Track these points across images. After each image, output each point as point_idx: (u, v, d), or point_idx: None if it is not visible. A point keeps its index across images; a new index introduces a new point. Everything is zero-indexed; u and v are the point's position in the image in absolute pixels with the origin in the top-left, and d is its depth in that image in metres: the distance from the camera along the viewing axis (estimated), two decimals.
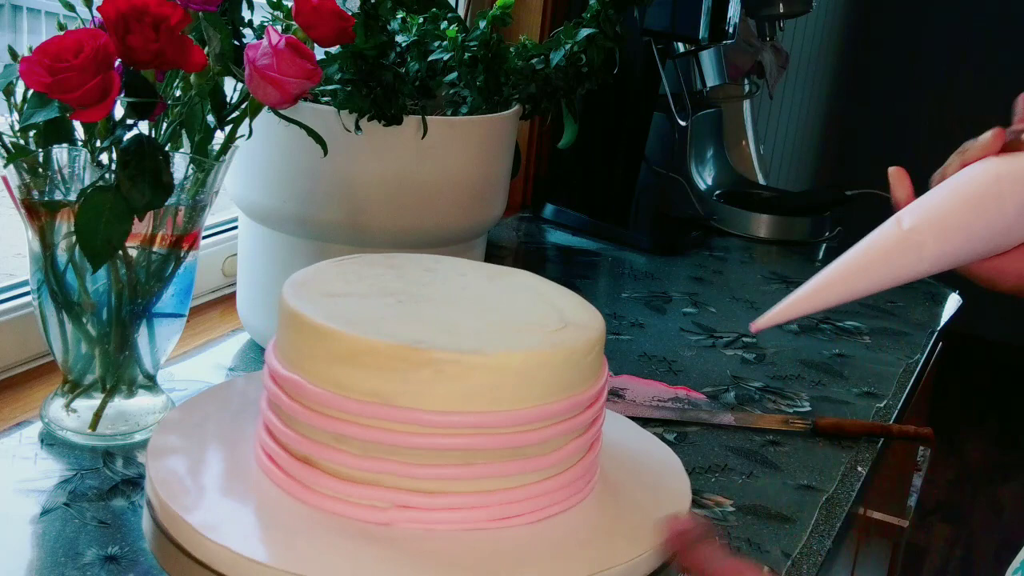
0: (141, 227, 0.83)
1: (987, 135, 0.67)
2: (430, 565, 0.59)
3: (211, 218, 1.03)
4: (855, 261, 0.66)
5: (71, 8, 0.83)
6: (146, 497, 0.64)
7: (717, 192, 1.72)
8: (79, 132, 0.82)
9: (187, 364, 1.06)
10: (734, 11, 1.52)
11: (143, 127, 0.82)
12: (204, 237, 0.94)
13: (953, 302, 1.45)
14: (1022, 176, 0.66)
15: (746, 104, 1.81)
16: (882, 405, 1.15)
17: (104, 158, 0.81)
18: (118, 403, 0.89)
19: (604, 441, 0.70)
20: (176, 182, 0.82)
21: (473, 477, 0.61)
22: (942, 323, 1.39)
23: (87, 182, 0.80)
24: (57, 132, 0.81)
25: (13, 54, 0.82)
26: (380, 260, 0.72)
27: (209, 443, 0.68)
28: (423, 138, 0.97)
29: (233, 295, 1.16)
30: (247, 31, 0.95)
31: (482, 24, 1.07)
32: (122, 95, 0.77)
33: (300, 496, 0.62)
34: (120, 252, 0.83)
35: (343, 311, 0.63)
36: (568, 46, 1.09)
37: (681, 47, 1.58)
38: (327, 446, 0.61)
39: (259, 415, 0.67)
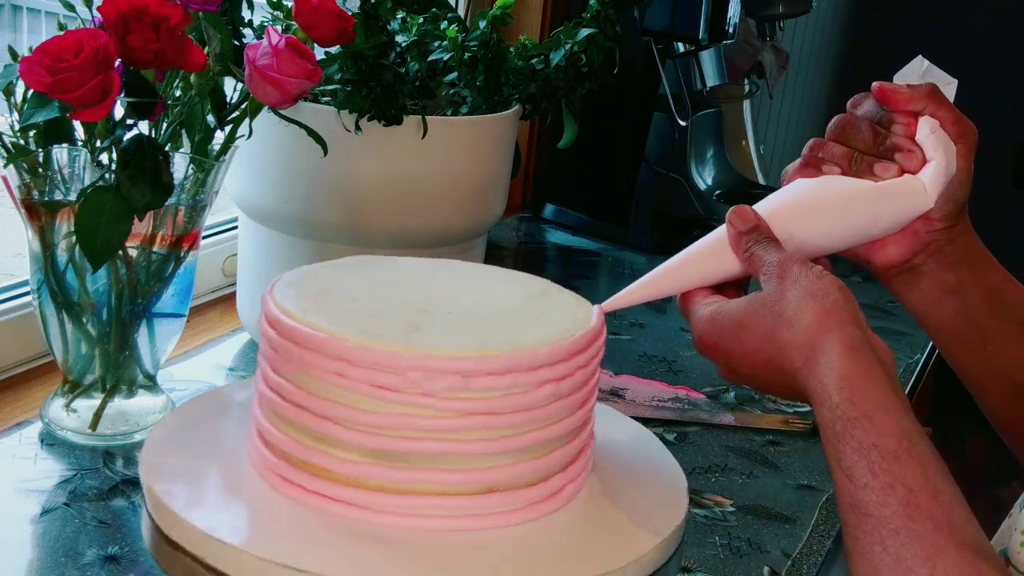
0: (141, 227, 0.83)
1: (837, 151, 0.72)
2: (423, 566, 0.59)
3: (211, 218, 1.03)
4: (709, 246, 0.71)
5: (71, 8, 0.83)
6: (142, 494, 0.64)
7: (717, 192, 1.72)
8: (79, 132, 0.82)
9: (187, 364, 1.06)
10: (734, 11, 1.52)
11: (143, 127, 0.82)
12: (204, 237, 0.94)
13: None
14: (900, 199, 0.71)
15: (746, 104, 1.80)
16: None
17: (104, 158, 0.81)
18: (118, 403, 0.89)
19: (600, 439, 0.69)
20: (176, 182, 0.82)
21: (466, 482, 0.61)
22: None
23: (87, 182, 0.80)
24: (57, 132, 0.81)
25: (13, 54, 0.82)
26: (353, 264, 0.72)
27: (206, 444, 0.68)
28: (423, 138, 0.97)
29: (233, 295, 1.16)
30: (247, 31, 0.95)
31: (482, 24, 1.06)
32: (122, 95, 0.77)
33: (293, 496, 0.62)
34: (120, 252, 0.83)
35: (336, 314, 0.63)
36: (568, 46, 1.09)
37: (681, 47, 1.58)
38: (316, 449, 0.61)
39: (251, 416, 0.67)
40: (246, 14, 0.94)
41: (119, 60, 0.76)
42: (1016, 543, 0.64)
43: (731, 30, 1.53)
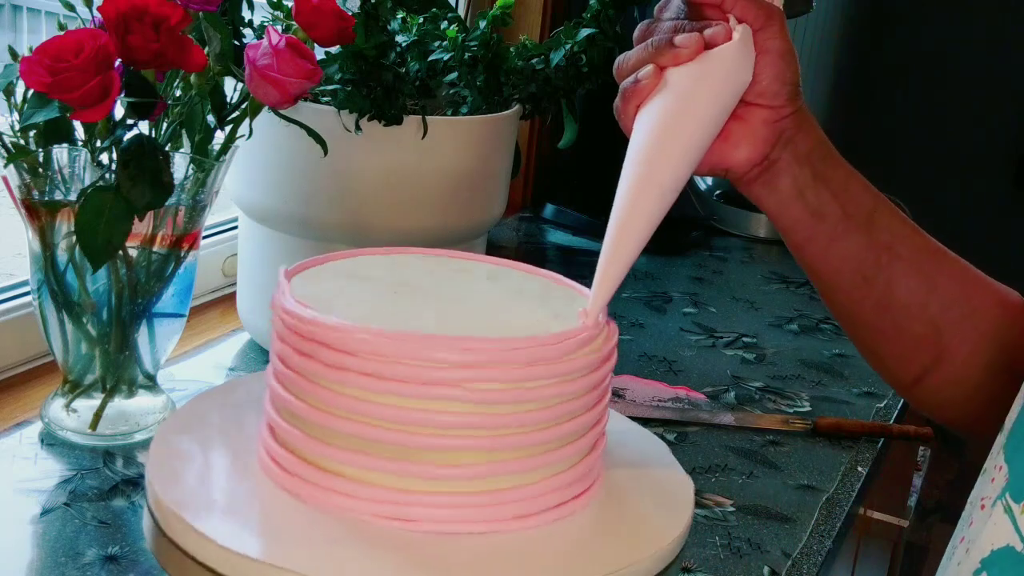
0: (141, 227, 0.83)
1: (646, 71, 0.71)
2: (428, 566, 0.59)
3: (211, 218, 1.03)
4: (621, 224, 0.70)
5: (71, 8, 0.83)
6: (146, 498, 0.64)
7: (717, 192, 1.72)
8: (79, 132, 0.82)
9: (187, 364, 1.06)
10: None
11: (143, 127, 0.82)
12: (204, 237, 0.94)
13: None
14: (722, 61, 0.70)
15: None
16: (882, 405, 1.15)
17: (104, 158, 0.81)
18: (118, 403, 0.89)
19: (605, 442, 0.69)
20: (176, 182, 0.82)
21: (477, 479, 0.61)
22: None
23: (87, 182, 0.80)
24: (57, 132, 0.81)
25: (13, 54, 0.82)
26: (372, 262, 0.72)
27: (210, 443, 0.68)
28: (423, 138, 0.97)
29: (233, 295, 1.16)
30: (247, 31, 0.95)
31: (482, 24, 1.06)
32: (122, 95, 0.77)
33: (302, 495, 0.62)
34: (120, 252, 0.83)
35: (350, 309, 0.63)
36: (568, 46, 1.09)
37: None
38: (329, 444, 0.61)
39: (261, 415, 0.67)
40: (246, 14, 0.94)
41: (119, 60, 0.76)
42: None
43: None
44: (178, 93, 0.84)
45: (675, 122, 0.69)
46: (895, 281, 0.75)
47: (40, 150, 0.81)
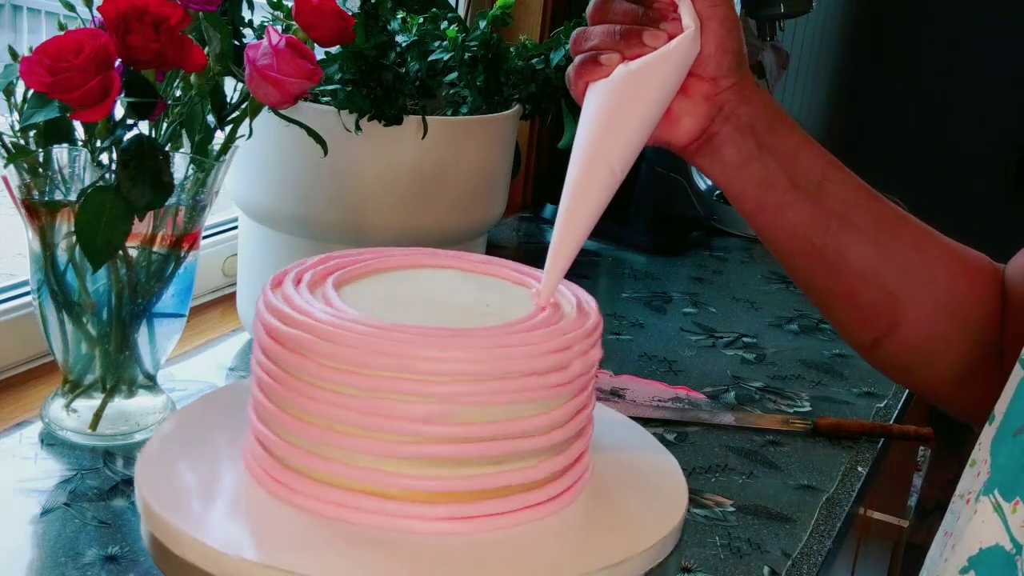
0: (141, 227, 0.83)
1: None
2: (416, 565, 0.59)
3: (211, 218, 1.03)
4: (572, 204, 0.73)
5: (71, 8, 0.83)
6: (138, 503, 0.64)
7: (717, 192, 1.72)
8: (79, 132, 0.82)
9: (187, 364, 1.06)
10: None
11: (143, 127, 0.82)
12: (204, 237, 0.94)
13: None
14: (679, 57, 0.71)
15: None
16: (882, 405, 1.15)
17: (104, 158, 0.81)
18: (118, 403, 0.89)
19: (599, 440, 0.69)
20: (176, 182, 0.82)
21: (463, 488, 0.61)
22: None
23: (87, 182, 0.80)
24: (57, 132, 0.81)
25: (13, 54, 0.82)
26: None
27: (202, 448, 0.68)
28: (423, 138, 0.97)
29: (233, 295, 1.16)
30: (247, 31, 0.95)
31: (482, 24, 1.07)
32: (122, 95, 0.77)
33: (289, 500, 0.62)
34: (120, 252, 0.83)
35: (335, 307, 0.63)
36: (568, 46, 1.09)
37: None
38: (314, 454, 0.61)
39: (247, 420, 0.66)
40: (246, 14, 0.94)
41: (119, 60, 0.76)
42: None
43: None
44: (178, 93, 0.84)
45: (627, 103, 0.70)
46: (846, 249, 0.75)
47: (40, 150, 0.81)
